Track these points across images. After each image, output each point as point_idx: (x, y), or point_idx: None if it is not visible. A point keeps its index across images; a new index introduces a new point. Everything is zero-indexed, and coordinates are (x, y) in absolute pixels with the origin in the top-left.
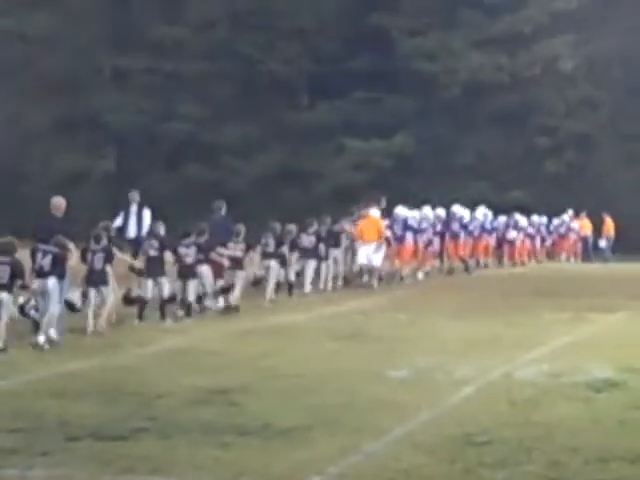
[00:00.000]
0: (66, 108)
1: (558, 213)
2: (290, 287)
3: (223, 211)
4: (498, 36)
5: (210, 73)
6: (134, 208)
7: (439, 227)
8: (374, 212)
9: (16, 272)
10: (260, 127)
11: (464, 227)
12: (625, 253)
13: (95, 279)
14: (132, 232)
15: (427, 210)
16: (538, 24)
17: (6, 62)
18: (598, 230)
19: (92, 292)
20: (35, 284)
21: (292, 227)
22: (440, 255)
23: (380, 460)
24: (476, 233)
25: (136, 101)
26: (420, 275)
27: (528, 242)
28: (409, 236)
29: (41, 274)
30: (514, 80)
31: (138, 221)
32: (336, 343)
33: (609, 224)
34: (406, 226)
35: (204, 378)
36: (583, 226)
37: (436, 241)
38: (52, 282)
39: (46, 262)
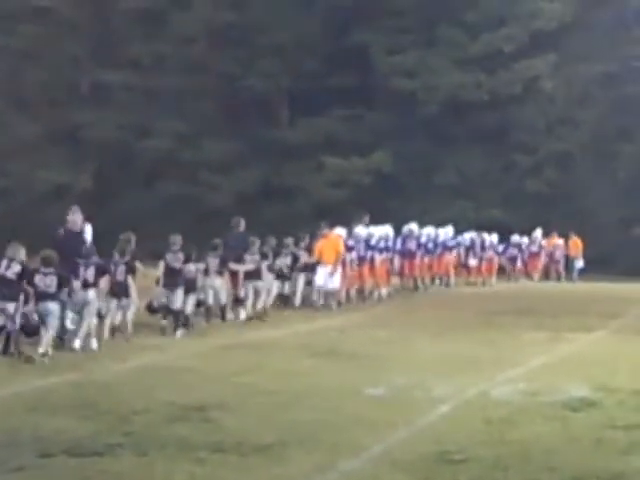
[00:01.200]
0: (45, 123)
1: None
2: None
3: (242, 227)
4: (478, 54)
5: (190, 89)
6: None
7: (399, 245)
8: (337, 231)
9: (62, 282)
10: (240, 143)
11: (420, 246)
12: (605, 273)
13: (117, 290)
14: None
15: (387, 228)
16: (518, 43)
17: None
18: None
19: (114, 303)
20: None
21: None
22: (400, 274)
23: (357, 478)
24: (438, 251)
25: (115, 117)
26: (384, 292)
27: (496, 261)
28: (370, 256)
29: (83, 285)
30: (494, 98)
31: None
32: (313, 360)
33: (576, 244)
34: (368, 246)
35: (181, 394)
36: (551, 245)
37: (397, 260)
38: (92, 293)
39: (89, 274)
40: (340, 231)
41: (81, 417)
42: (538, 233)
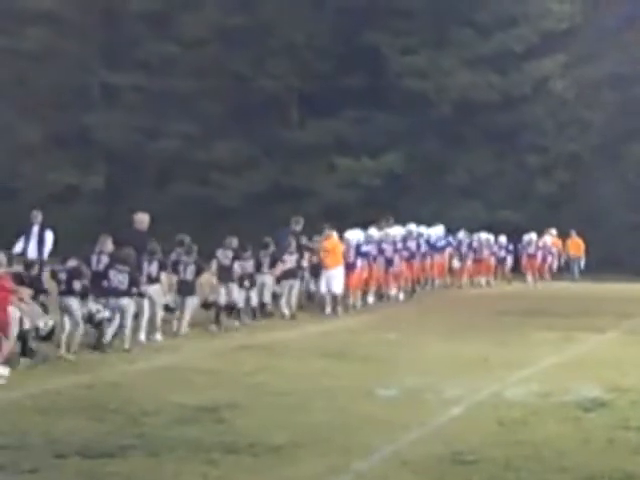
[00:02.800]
0: (56, 124)
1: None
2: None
3: (299, 227)
4: (489, 55)
5: (200, 90)
6: (35, 229)
7: (399, 245)
8: (336, 236)
9: (133, 280)
10: (250, 144)
11: (419, 247)
12: (616, 273)
13: (184, 289)
14: (32, 254)
15: (372, 231)
16: (529, 43)
17: None
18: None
19: (180, 301)
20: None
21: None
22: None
23: (369, 478)
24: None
25: (126, 118)
26: (401, 295)
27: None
28: (359, 262)
29: (148, 280)
30: (505, 99)
31: (39, 243)
32: (325, 361)
33: (576, 243)
34: (358, 252)
35: (192, 395)
36: (555, 244)
37: (397, 260)
38: (153, 289)
39: (153, 269)
40: (353, 234)
41: (93, 418)
42: (533, 235)
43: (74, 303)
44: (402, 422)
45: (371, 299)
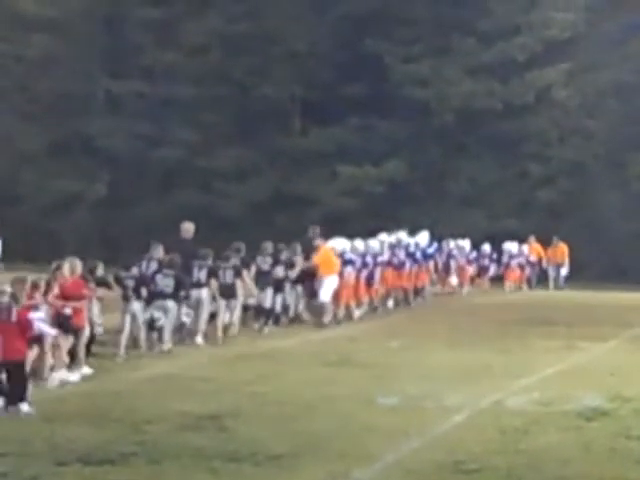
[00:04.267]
0: (59, 132)
1: (549, 241)
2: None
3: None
4: (491, 63)
5: (203, 98)
6: None
7: (386, 256)
8: (331, 243)
9: (179, 284)
10: (253, 152)
11: (409, 255)
12: (617, 281)
13: (225, 292)
14: None
15: (357, 242)
16: (532, 52)
17: (1, 84)
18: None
19: (222, 303)
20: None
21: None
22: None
23: None
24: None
25: (129, 126)
26: (390, 304)
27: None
28: (348, 271)
29: (197, 285)
30: (507, 108)
31: None
32: (326, 369)
33: (561, 250)
34: (344, 261)
35: (194, 403)
36: (533, 251)
37: (377, 273)
38: (206, 292)
39: (202, 275)
40: (337, 243)
41: (95, 426)
42: (509, 244)
43: (139, 308)
44: (403, 430)
45: (390, 303)
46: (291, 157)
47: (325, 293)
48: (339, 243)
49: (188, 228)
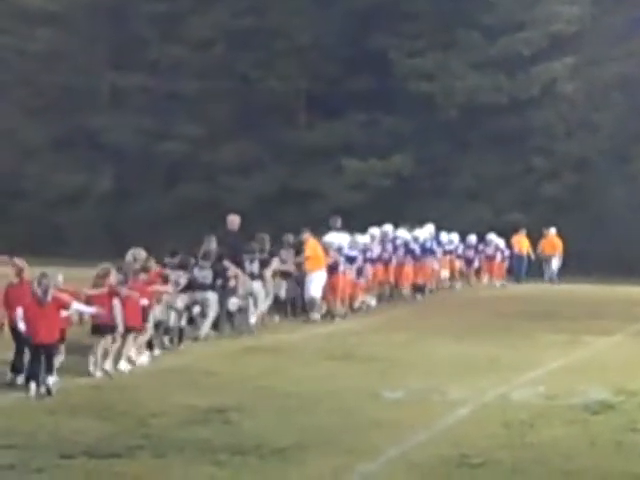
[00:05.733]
0: (64, 126)
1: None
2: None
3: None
4: (496, 57)
5: (208, 92)
6: None
7: (377, 252)
8: (328, 237)
9: (217, 274)
10: (258, 146)
11: (396, 249)
12: (623, 275)
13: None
14: None
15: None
16: (537, 46)
17: (5, 78)
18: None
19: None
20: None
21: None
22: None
23: None
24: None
25: (134, 120)
26: (373, 302)
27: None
28: (342, 267)
29: (251, 277)
30: (512, 102)
31: None
32: (331, 363)
33: (551, 241)
34: (342, 257)
35: (199, 397)
36: (519, 244)
37: (367, 269)
38: (259, 284)
39: (255, 267)
40: (332, 237)
41: (100, 419)
42: (492, 236)
43: (212, 296)
44: (408, 424)
45: (373, 302)
46: (296, 151)
47: (315, 289)
48: (334, 238)
49: (233, 220)
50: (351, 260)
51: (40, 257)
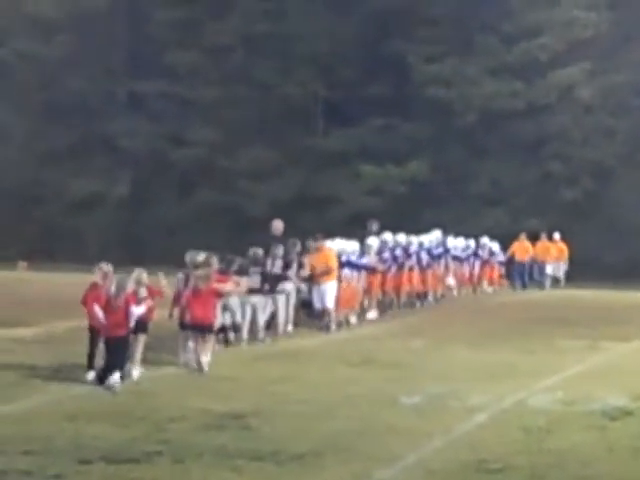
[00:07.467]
0: (81, 132)
1: (572, 241)
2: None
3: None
4: (514, 63)
5: (225, 98)
6: None
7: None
8: (330, 244)
9: (265, 278)
10: (275, 152)
11: (395, 258)
12: None
13: (273, 284)
14: None
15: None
16: (554, 52)
17: (22, 84)
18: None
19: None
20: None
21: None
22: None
23: None
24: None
25: (151, 126)
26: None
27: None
28: (348, 274)
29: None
30: (529, 107)
31: None
32: (349, 369)
33: (546, 246)
34: (343, 262)
35: (217, 402)
36: (519, 250)
37: (362, 276)
38: (289, 285)
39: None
40: (335, 244)
41: (118, 424)
42: (486, 240)
43: (261, 300)
44: (426, 430)
45: (372, 314)
46: (313, 157)
47: (330, 299)
48: (337, 245)
49: (277, 226)
50: (355, 267)
51: (57, 262)
